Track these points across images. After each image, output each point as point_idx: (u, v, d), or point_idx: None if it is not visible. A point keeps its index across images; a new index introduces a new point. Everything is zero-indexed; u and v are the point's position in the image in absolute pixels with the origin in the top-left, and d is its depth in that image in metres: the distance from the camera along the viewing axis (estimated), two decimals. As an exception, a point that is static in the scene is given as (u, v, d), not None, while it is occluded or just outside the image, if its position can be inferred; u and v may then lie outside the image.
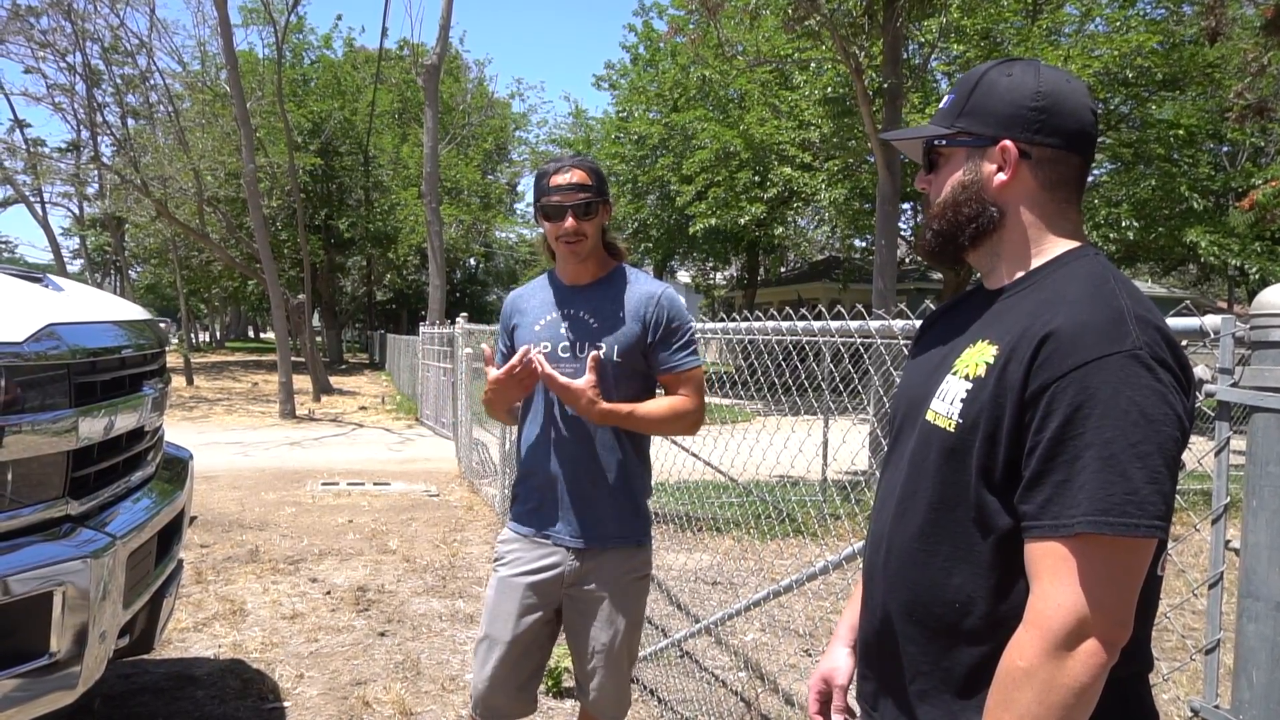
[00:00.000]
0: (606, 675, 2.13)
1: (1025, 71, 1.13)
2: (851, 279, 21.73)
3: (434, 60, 14.27)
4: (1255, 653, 1.26)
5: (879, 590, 1.19)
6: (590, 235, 2.10)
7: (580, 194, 2.08)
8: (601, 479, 2.09)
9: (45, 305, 2.21)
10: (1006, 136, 1.12)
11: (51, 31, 19.24)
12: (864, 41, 8.98)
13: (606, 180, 2.16)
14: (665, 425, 2.12)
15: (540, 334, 2.14)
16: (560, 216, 2.07)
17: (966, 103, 1.15)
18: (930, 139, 1.19)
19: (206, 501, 7.15)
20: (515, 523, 2.20)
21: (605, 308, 2.11)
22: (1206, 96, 14.01)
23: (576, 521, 2.10)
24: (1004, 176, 1.12)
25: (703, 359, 2.19)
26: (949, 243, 1.18)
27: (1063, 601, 0.95)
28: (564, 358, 2.10)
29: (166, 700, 3.33)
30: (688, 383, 2.12)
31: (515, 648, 2.11)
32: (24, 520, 1.97)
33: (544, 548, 2.12)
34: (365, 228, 28.41)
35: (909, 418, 1.21)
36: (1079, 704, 0.95)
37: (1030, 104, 1.11)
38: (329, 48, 31.40)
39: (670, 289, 2.16)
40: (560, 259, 2.16)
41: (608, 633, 2.10)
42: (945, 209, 1.17)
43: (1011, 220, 1.14)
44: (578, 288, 2.16)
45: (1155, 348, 0.97)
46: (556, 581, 2.11)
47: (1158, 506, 0.94)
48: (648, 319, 2.09)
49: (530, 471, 2.17)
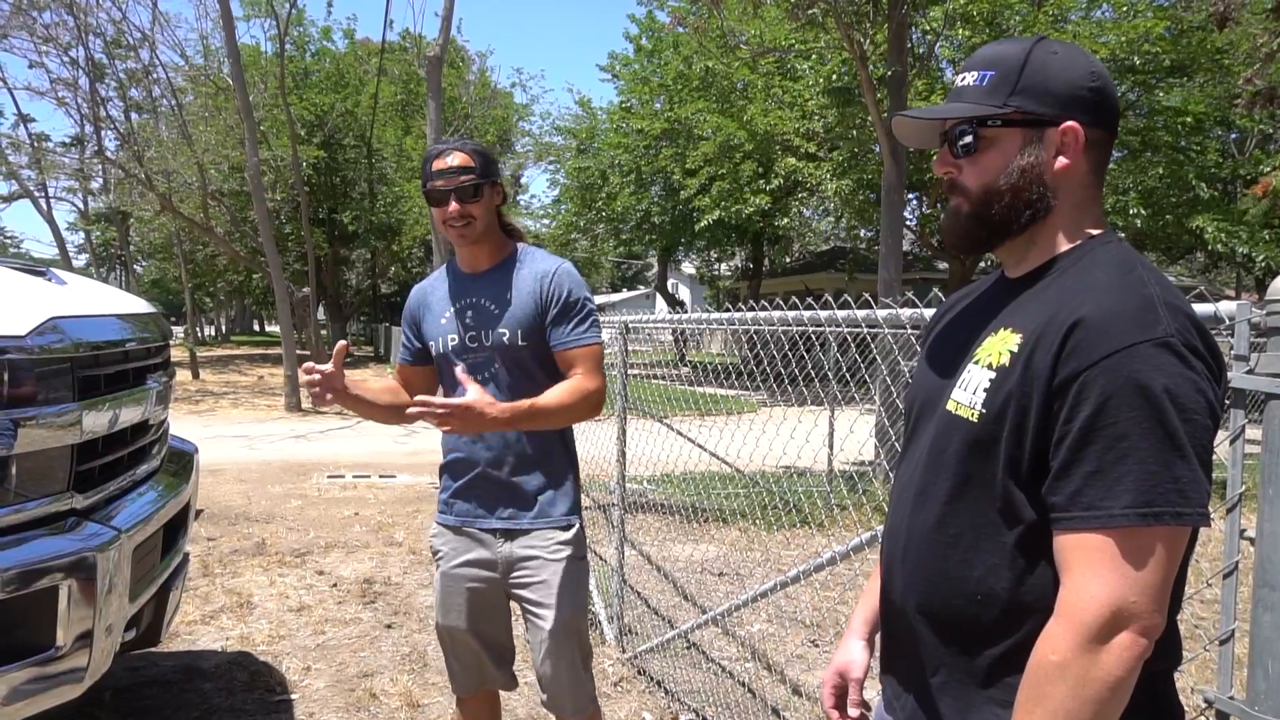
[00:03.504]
0: (555, 666, 2.10)
1: (1071, 50, 1.09)
2: (858, 269, 21.66)
3: (436, 52, 14.21)
4: (1271, 643, 1.24)
5: (898, 583, 1.18)
6: (478, 218, 2.08)
7: (462, 176, 2.05)
8: (522, 460, 2.08)
9: (48, 299, 2.20)
10: (1070, 117, 1.06)
11: (55, 26, 19.23)
12: (868, 29, 8.92)
13: (494, 161, 2.13)
14: (571, 412, 2.03)
15: (446, 327, 2.13)
16: (444, 201, 2.06)
17: (1019, 80, 1.07)
18: (970, 119, 1.09)
19: (213, 495, 7.17)
20: (441, 514, 2.20)
21: (503, 292, 2.09)
22: (1215, 83, 13.89)
23: (500, 505, 2.10)
24: (1066, 160, 1.07)
25: (601, 337, 2.12)
26: (998, 231, 1.11)
27: (1097, 594, 0.93)
28: (472, 348, 2.09)
29: (175, 692, 3.33)
30: (585, 360, 2.06)
31: (473, 635, 2.16)
32: (29, 514, 1.97)
33: (472, 539, 2.13)
34: (369, 220, 28.37)
35: (926, 408, 1.18)
36: (1114, 697, 0.93)
37: (1089, 84, 1.06)
38: (329, 39, 31.35)
39: (567, 264, 2.12)
40: (455, 245, 2.14)
41: (549, 617, 2.07)
42: (1001, 194, 1.08)
43: (1060, 206, 1.09)
44: (476, 275, 2.15)
45: (1186, 334, 0.95)
46: (492, 567, 2.12)
47: (1199, 495, 0.92)
48: (542, 296, 2.06)
49: (450, 459, 2.16)
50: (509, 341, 2.05)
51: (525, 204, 37.50)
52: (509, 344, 2.06)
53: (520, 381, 2.07)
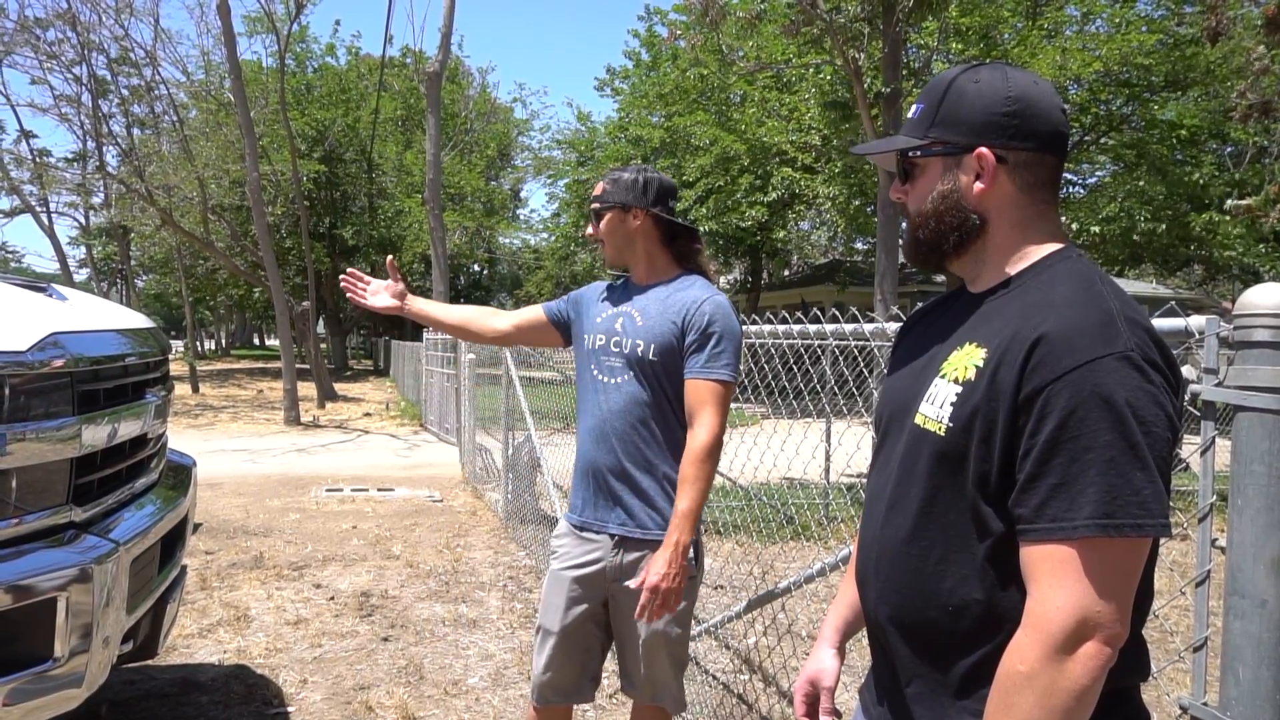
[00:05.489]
0: (653, 669, 2.16)
1: (993, 76, 1.13)
2: (853, 281, 21.71)
3: (436, 68, 14.33)
4: (1241, 650, 1.27)
5: (870, 595, 1.20)
6: (605, 240, 2.27)
7: (593, 203, 2.28)
8: (648, 464, 2.15)
9: (48, 314, 2.23)
10: (981, 143, 1.11)
11: (58, 43, 19.39)
12: (863, 44, 9.01)
13: (630, 187, 2.23)
14: (707, 476, 2.07)
15: (598, 325, 2.27)
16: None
17: (937, 112, 1.15)
18: (903, 150, 1.19)
19: (211, 508, 7.18)
20: (566, 515, 2.30)
21: (653, 308, 2.19)
22: (1209, 96, 13.99)
23: (620, 511, 2.16)
24: (982, 184, 1.12)
25: (731, 375, 2.11)
26: (933, 251, 1.18)
27: (1062, 604, 0.95)
28: (613, 352, 2.20)
29: (172, 706, 3.35)
30: (707, 395, 2.08)
31: (565, 638, 2.19)
32: (28, 527, 1.99)
33: (589, 543, 2.20)
34: (369, 235, 28.47)
35: (895, 420, 1.21)
36: (1079, 706, 0.95)
37: (1002, 109, 1.11)
38: (332, 55, 31.55)
39: (720, 297, 2.17)
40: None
41: (650, 627, 2.11)
42: (927, 219, 1.17)
43: (994, 226, 1.14)
44: (639, 287, 2.28)
45: (1145, 349, 0.98)
46: (600, 576, 2.18)
47: (1159, 506, 0.95)
48: (684, 321, 2.13)
49: (581, 460, 2.26)
50: (642, 354, 2.14)
51: (525, 217, 37.61)
52: (641, 356, 2.14)
53: (644, 394, 2.14)
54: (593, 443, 2.20)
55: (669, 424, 2.14)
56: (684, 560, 2.02)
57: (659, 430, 2.14)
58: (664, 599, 2.00)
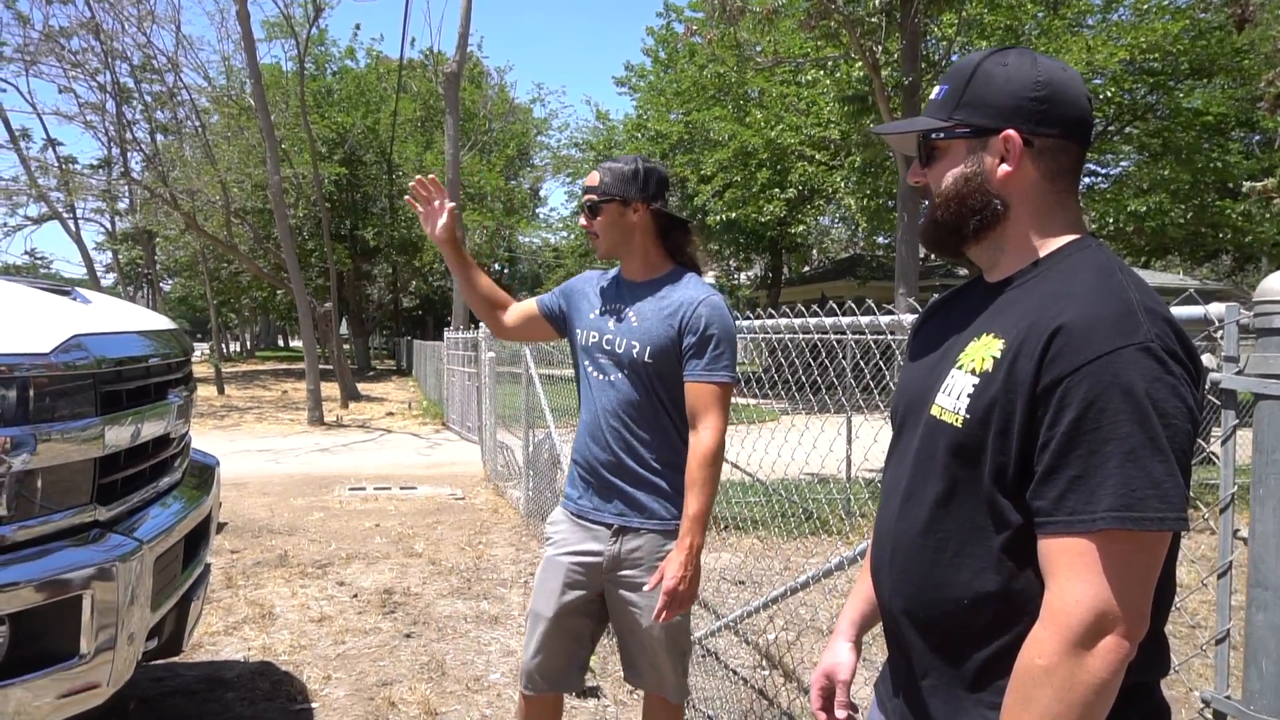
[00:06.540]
0: (656, 658, 2.16)
1: (1021, 60, 1.12)
2: (873, 275, 21.57)
3: (454, 69, 14.39)
4: (1265, 642, 1.25)
5: (885, 587, 1.19)
6: (600, 233, 2.20)
7: (587, 195, 2.20)
8: (642, 460, 2.14)
9: (72, 317, 2.27)
10: (1009, 127, 1.10)
11: (82, 52, 19.65)
12: (880, 37, 8.94)
13: (630, 179, 2.15)
14: (713, 478, 2.06)
15: (591, 322, 2.24)
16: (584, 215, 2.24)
17: (963, 94, 1.13)
18: (926, 131, 1.16)
19: (236, 508, 7.27)
20: (562, 502, 2.30)
21: (648, 307, 2.15)
22: (1236, 84, 13.76)
23: (616, 500, 2.16)
24: (1008, 168, 1.10)
25: (731, 376, 2.10)
26: (952, 235, 1.16)
27: (1081, 598, 0.94)
28: (606, 350, 2.18)
29: (198, 702, 3.39)
30: (708, 398, 2.06)
31: (558, 623, 2.19)
32: (54, 526, 2.03)
33: (586, 531, 2.20)
34: (390, 236, 28.64)
35: (911, 412, 1.20)
36: (1099, 700, 0.94)
37: (1031, 93, 1.09)
38: (352, 58, 31.76)
39: (716, 297, 2.14)
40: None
41: (648, 618, 2.11)
42: (948, 202, 1.14)
43: (1015, 212, 1.12)
44: (631, 283, 2.24)
45: (1166, 340, 0.96)
46: (597, 566, 2.17)
47: (1179, 499, 0.93)
48: (683, 325, 2.09)
49: (577, 453, 2.25)
50: (637, 355, 2.12)
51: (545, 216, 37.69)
52: (636, 358, 2.12)
53: (637, 393, 2.13)
54: (588, 436, 2.20)
55: (660, 420, 2.14)
56: (698, 563, 2.03)
57: (652, 425, 2.13)
58: (679, 601, 2.01)
